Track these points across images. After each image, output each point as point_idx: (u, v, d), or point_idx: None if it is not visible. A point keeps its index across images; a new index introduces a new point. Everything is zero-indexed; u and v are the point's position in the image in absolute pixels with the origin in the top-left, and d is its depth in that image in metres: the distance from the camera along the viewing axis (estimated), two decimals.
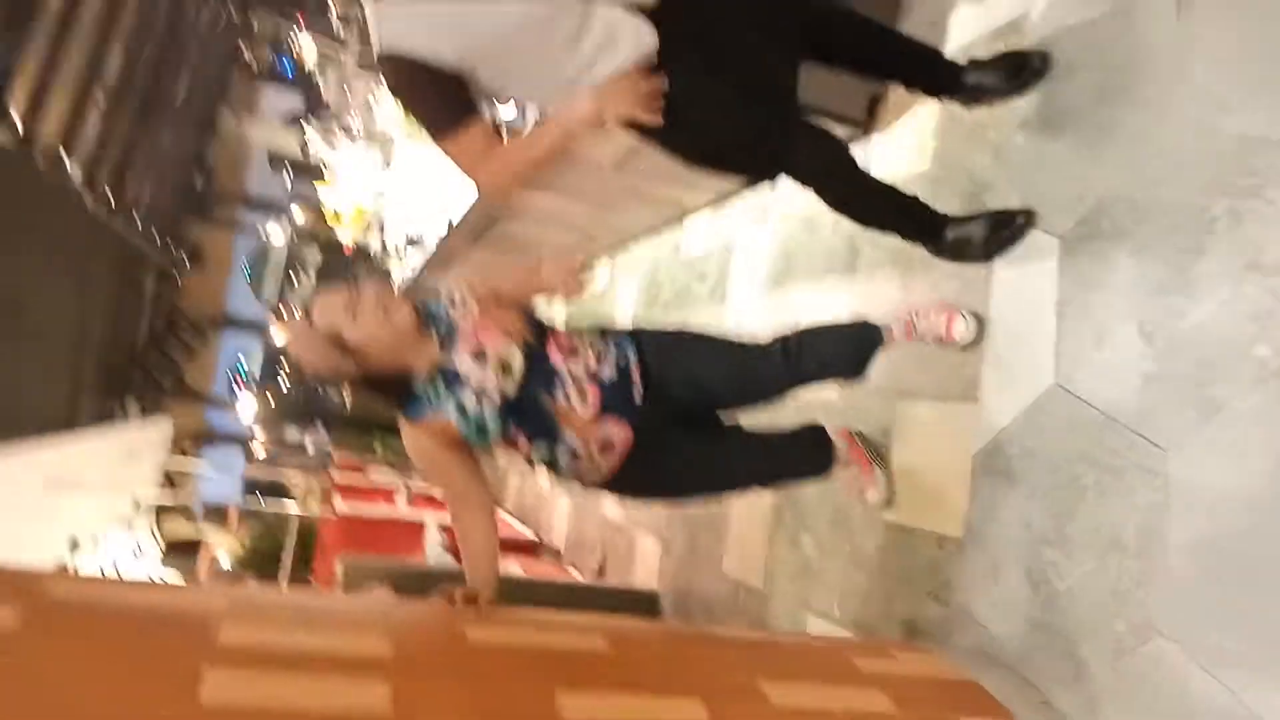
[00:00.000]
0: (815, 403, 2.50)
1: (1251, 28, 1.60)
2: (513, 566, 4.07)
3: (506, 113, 3.29)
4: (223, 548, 12.68)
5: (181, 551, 11.85)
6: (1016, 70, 2.06)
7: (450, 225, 4.63)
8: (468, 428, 1.73)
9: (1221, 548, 1.49)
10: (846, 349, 2.11)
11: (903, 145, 2.55)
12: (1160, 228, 1.69)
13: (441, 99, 1.72)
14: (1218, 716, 1.44)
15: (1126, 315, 1.73)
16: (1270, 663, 1.39)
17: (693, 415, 1.96)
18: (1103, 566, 1.69)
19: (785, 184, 2.03)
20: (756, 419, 2.18)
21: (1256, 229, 1.52)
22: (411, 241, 5.81)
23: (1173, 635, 1.54)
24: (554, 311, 1.93)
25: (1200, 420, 1.55)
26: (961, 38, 2.35)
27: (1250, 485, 1.46)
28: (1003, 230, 2.02)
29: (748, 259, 3.43)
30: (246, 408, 17.86)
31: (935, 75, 2.14)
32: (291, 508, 7.93)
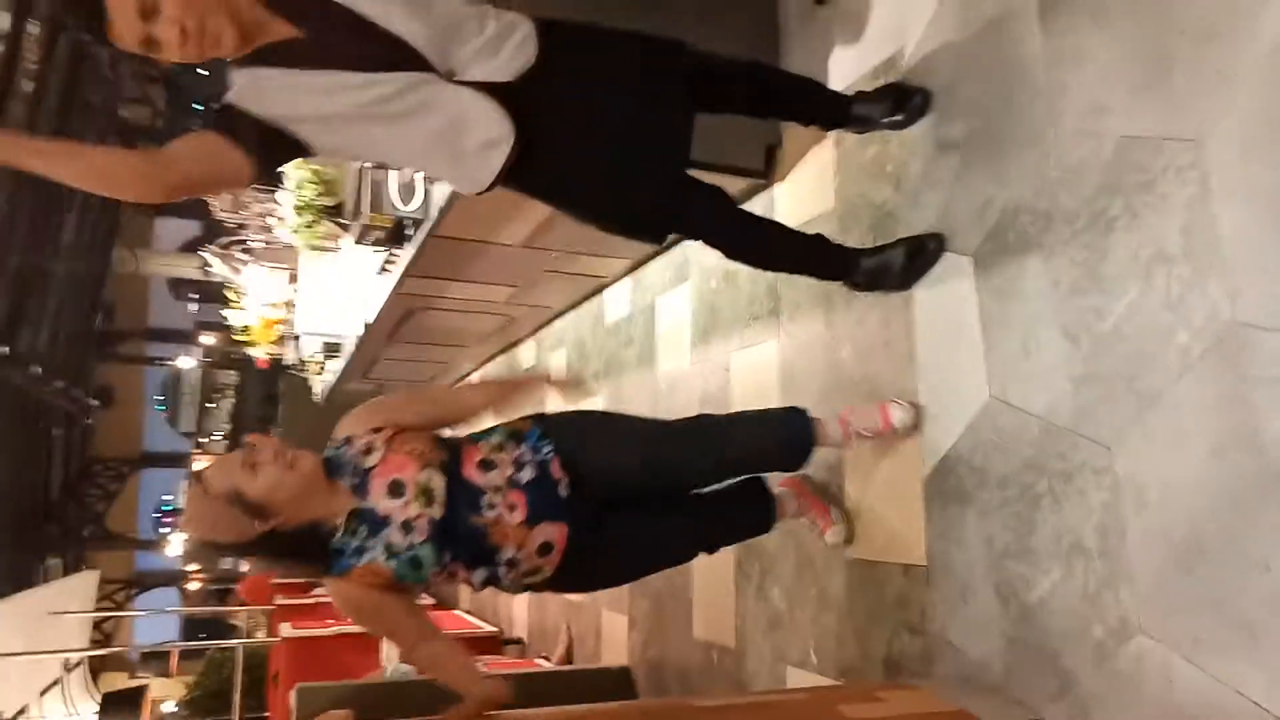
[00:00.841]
0: None
1: (1115, 33, 1.67)
2: (476, 664, 3.92)
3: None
4: (166, 694, 12.00)
5: (123, 704, 11.17)
6: (900, 102, 2.12)
7: (366, 326, 4.55)
8: (401, 567, 1.65)
9: (1180, 535, 1.50)
10: (772, 438, 2.04)
11: (805, 188, 2.60)
12: (1065, 233, 1.74)
13: (260, 148, 1.66)
14: (1207, 703, 1.44)
15: (1048, 321, 1.76)
16: (1246, 642, 1.39)
17: (623, 497, 1.91)
18: (1070, 573, 1.69)
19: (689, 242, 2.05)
20: None
21: (1154, 222, 1.57)
22: (329, 348, 5.68)
23: (1150, 631, 1.53)
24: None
25: (1137, 413, 1.58)
26: (840, 80, 2.42)
27: (1195, 469, 1.48)
28: (917, 257, 2.06)
29: (671, 318, 3.43)
30: (176, 544, 17.11)
31: (824, 107, 2.19)
32: (236, 640, 7.56)
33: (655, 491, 1.98)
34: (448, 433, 1.90)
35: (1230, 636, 1.41)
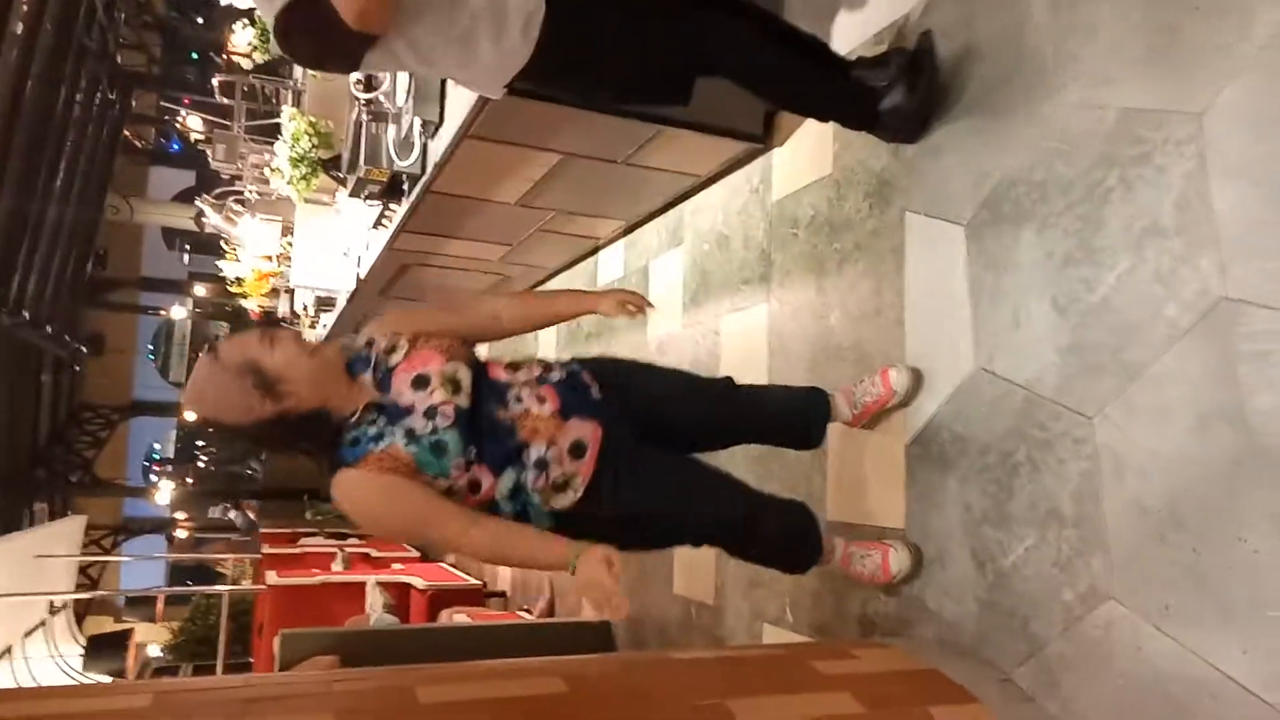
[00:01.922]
0: None
1: (1124, 6, 1.66)
2: (459, 616, 3.97)
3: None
4: (151, 638, 12.10)
5: (108, 648, 11.24)
6: (909, 65, 2.09)
7: (359, 279, 4.54)
8: (423, 452, 1.52)
9: (1156, 506, 1.52)
10: (799, 405, 2.12)
11: (803, 154, 2.59)
12: (1060, 204, 1.74)
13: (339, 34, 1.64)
14: (1173, 671, 1.47)
15: (1039, 292, 1.77)
16: (1216, 612, 1.41)
17: (659, 438, 1.81)
18: (1044, 539, 1.71)
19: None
20: None
21: (1149, 195, 1.57)
22: (322, 301, 5.67)
23: (1120, 598, 1.56)
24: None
25: (1121, 385, 1.59)
26: (842, 45, 2.40)
27: (1176, 442, 1.49)
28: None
29: (664, 281, 3.43)
30: (164, 492, 17.13)
31: (823, 64, 2.17)
32: (222, 587, 7.62)
33: (690, 422, 1.91)
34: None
35: (1202, 607, 1.44)
